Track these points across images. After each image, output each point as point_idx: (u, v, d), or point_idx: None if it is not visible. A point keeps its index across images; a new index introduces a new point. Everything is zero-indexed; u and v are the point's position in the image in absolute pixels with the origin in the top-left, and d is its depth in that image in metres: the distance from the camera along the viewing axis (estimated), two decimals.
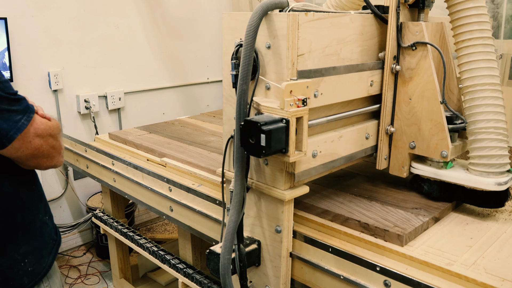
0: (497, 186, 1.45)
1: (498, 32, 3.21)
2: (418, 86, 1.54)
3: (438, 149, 1.52)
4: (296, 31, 1.28)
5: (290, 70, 1.29)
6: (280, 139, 1.21)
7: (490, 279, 1.15)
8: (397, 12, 1.52)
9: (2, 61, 2.79)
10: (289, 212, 1.40)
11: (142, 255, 2.33)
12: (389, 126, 1.63)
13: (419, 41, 1.51)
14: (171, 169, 2.04)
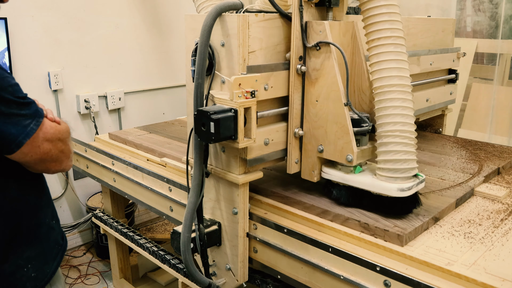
0: (399, 192, 1.40)
1: (497, 32, 3.21)
2: (323, 87, 1.50)
3: (343, 153, 1.47)
4: (246, 30, 1.40)
5: (241, 65, 1.41)
6: (229, 126, 1.33)
7: (490, 279, 1.15)
8: (300, 11, 1.48)
9: (2, 61, 2.79)
10: (244, 195, 1.52)
11: (142, 255, 2.33)
12: (298, 129, 1.57)
13: (322, 41, 1.47)
14: (171, 169, 2.04)
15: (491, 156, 2.07)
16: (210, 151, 1.56)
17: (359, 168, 1.51)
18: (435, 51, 2.33)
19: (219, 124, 1.30)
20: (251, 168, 1.51)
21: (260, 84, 1.44)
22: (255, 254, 1.61)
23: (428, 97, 2.32)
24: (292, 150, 1.59)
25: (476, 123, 3.29)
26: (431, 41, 2.35)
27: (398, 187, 1.40)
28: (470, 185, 1.72)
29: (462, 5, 3.45)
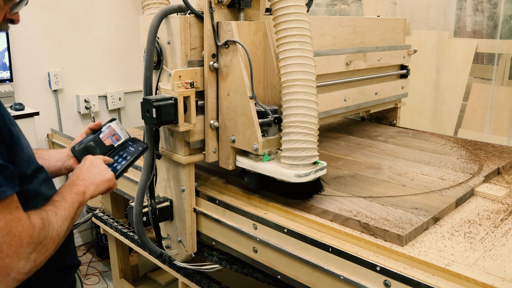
0: (297, 178, 1.49)
1: (495, 32, 3.21)
2: (232, 82, 1.62)
3: (250, 143, 1.58)
4: (188, 30, 1.60)
5: (183, 60, 1.62)
6: (170, 112, 1.52)
7: (490, 279, 1.15)
8: (211, 13, 1.61)
9: (2, 61, 2.79)
10: (189, 174, 1.72)
11: (142, 255, 2.33)
12: (213, 121, 1.69)
13: (230, 40, 1.59)
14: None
15: (491, 156, 2.07)
16: (162, 136, 1.74)
17: (267, 156, 1.61)
18: (383, 48, 2.50)
19: (160, 110, 1.49)
20: (194, 150, 1.71)
21: (199, 77, 1.63)
22: (202, 228, 1.80)
23: (377, 91, 2.50)
24: (209, 141, 1.71)
25: (476, 123, 3.29)
26: (380, 39, 2.52)
27: (295, 173, 1.49)
28: (470, 185, 1.72)
29: (461, 5, 3.45)
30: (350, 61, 2.27)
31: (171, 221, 1.83)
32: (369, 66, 2.40)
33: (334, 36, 2.22)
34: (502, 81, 3.27)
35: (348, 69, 2.28)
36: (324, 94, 2.18)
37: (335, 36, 2.22)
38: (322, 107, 2.12)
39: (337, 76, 2.26)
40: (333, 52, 2.18)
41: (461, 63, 3.38)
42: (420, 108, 3.61)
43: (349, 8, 4.12)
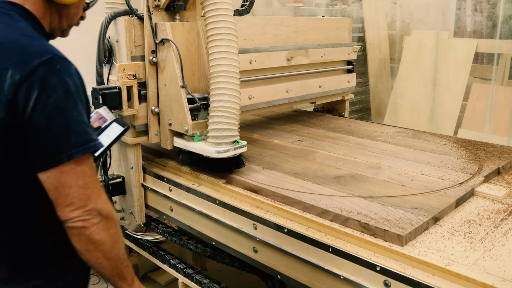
0: (217, 153, 1.78)
1: (494, 32, 3.21)
2: (168, 74, 1.90)
3: (182, 125, 1.85)
4: (132, 30, 1.91)
5: (128, 56, 1.92)
6: (115, 99, 1.81)
7: (490, 279, 1.15)
8: (149, 15, 1.89)
9: None
10: (136, 154, 2.01)
11: (142, 255, 2.33)
12: (154, 107, 1.97)
13: (164, 38, 1.87)
14: (171, 169, 2.04)
15: (491, 156, 2.07)
16: None
17: (198, 137, 1.87)
18: (326, 45, 2.75)
19: (105, 97, 1.79)
20: (140, 132, 1.99)
21: (142, 70, 1.92)
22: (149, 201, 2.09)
23: (321, 84, 2.75)
24: (151, 124, 1.99)
25: (476, 123, 3.29)
26: (324, 37, 2.77)
27: (216, 150, 1.77)
28: (470, 185, 1.72)
29: (460, 5, 3.45)
30: (291, 56, 2.54)
31: (124, 196, 2.11)
32: (311, 61, 2.66)
33: (276, 34, 2.48)
34: (502, 81, 3.27)
35: (290, 64, 2.55)
36: (267, 86, 2.45)
37: (276, 34, 2.48)
38: (265, 97, 2.44)
39: (279, 70, 2.52)
40: (273, 49, 2.44)
41: (461, 63, 3.38)
42: (420, 108, 3.61)
43: (349, 8, 4.12)
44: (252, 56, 2.32)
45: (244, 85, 2.24)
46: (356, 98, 4.35)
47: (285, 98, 2.57)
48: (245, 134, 2.51)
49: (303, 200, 1.57)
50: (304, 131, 2.57)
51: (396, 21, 4.06)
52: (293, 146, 2.26)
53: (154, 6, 1.90)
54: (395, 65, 3.93)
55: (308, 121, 2.81)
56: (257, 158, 2.06)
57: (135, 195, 2.05)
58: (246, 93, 2.31)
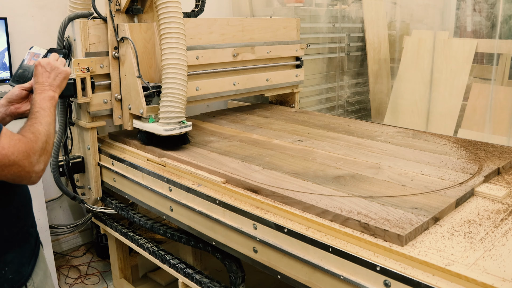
0: (165, 131, 2.11)
1: (492, 32, 3.21)
2: (127, 66, 2.27)
3: (138, 109, 2.23)
4: (87, 30, 2.24)
5: (83, 52, 2.25)
6: (70, 89, 2.10)
7: (490, 279, 1.15)
8: (112, 17, 2.26)
9: (2, 61, 2.78)
10: (93, 136, 2.36)
11: (142, 255, 2.33)
12: (117, 94, 2.35)
13: (124, 36, 2.24)
14: (171, 169, 2.04)
15: (491, 156, 2.07)
16: (73, 108, 2.38)
17: (152, 119, 2.23)
18: (273, 43, 3.10)
19: None
20: (95, 118, 2.34)
21: (96, 64, 2.25)
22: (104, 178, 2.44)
23: (268, 78, 3.11)
24: (115, 109, 2.39)
25: (476, 123, 3.29)
26: (271, 36, 3.11)
27: (164, 129, 2.12)
28: (470, 185, 1.72)
29: (459, 5, 3.45)
30: (238, 53, 2.87)
31: (84, 174, 2.47)
32: (258, 57, 3.00)
33: (222, 33, 2.82)
34: (502, 81, 3.27)
35: (236, 59, 2.89)
36: (215, 79, 2.82)
37: (223, 33, 2.82)
38: (213, 89, 2.81)
39: (226, 65, 2.87)
40: (219, 46, 2.79)
41: (461, 63, 3.38)
42: (420, 108, 3.61)
43: (349, 8, 4.12)
44: (199, 53, 2.68)
45: (192, 78, 2.65)
46: (356, 98, 4.35)
47: (232, 90, 2.92)
48: (245, 134, 2.51)
49: (303, 200, 1.57)
50: (304, 131, 2.57)
51: (396, 21, 4.06)
52: (293, 146, 2.26)
53: (116, 9, 2.26)
54: (395, 65, 3.93)
55: (308, 121, 2.81)
56: (257, 158, 2.06)
57: (92, 173, 2.40)
58: (194, 85, 2.67)
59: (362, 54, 4.18)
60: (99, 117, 2.36)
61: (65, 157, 2.39)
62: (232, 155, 2.12)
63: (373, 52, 4.07)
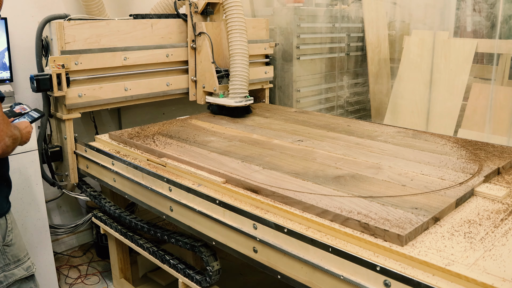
0: (235, 103, 2.86)
1: (492, 32, 3.21)
2: (203, 55, 2.98)
3: (212, 87, 2.97)
4: (62, 30, 2.49)
5: (59, 50, 2.50)
6: (46, 84, 2.42)
7: (490, 279, 1.15)
8: (191, 17, 2.98)
9: (2, 61, 2.78)
10: (69, 126, 2.60)
11: (142, 255, 2.33)
12: (193, 77, 3.07)
13: (201, 32, 2.96)
14: (171, 169, 2.04)
15: (491, 156, 2.07)
16: (52, 102, 2.68)
17: (222, 95, 2.96)
18: None
19: (39, 82, 2.40)
20: (71, 110, 2.60)
21: (70, 61, 2.50)
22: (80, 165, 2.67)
23: None
24: (191, 88, 3.11)
25: (476, 123, 3.29)
26: None
27: (234, 101, 2.87)
28: (470, 185, 1.72)
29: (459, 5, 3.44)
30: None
31: (62, 162, 2.72)
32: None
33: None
34: (502, 81, 3.26)
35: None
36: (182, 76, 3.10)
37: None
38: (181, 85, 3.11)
39: None
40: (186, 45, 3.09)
41: (461, 63, 3.38)
42: (419, 108, 3.61)
43: (349, 8, 4.12)
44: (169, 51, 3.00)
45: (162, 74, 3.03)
46: (355, 98, 4.35)
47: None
48: (245, 134, 2.51)
49: (303, 200, 1.57)
50: (304, 131, 2.57)
51: (396, 21, 4.06)
52: (293, 146, 2.26)
53: (194, 11, 2.97)
54: (395, 65, 3.93)
55: (308, 121, 2.81)
56: (257, 158, 2.06)
57: (69, 160, 2.63)
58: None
59: (362, 54, 4.18)
60: (75, 109, 2.59)
61: (44, 147, 2.66)
62: (232, 155, 2.12)
63: (373, 52, 4.07)
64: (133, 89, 2.83)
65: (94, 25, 2.61)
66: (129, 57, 2.77)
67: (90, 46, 2.60)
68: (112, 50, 2.68)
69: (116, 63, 2.71)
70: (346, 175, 1.84)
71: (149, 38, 2.88)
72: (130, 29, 2.78)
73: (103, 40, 2.66)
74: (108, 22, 2.67)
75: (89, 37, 2.59)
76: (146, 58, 2.86)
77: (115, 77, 2.74)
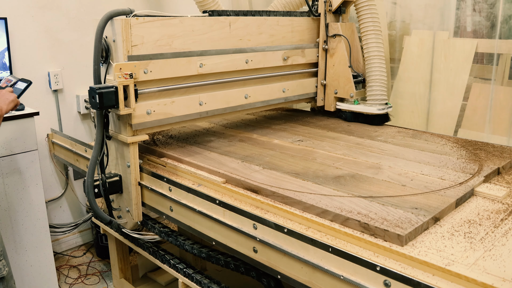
0: (378, 110, 2.68)
1: (492, 32, 3.21)
2: (337, 58, 2.76)
3: (348, 93, 2.75)
4: (129, 30, 1.93)
5: (125, 55, 1.94)
6: (111, 98, 1.84)
7: (490, 279, 1.15)
8: (325, 17, 2.75)
9: (2, 61, 2.78)
10: (134, 152, 2.03)
11: (142, 255, 2.33)
12: (323, 80, 2.84)
13: (336, 33, 2.74)
14: (171, 169, 2.04)
15: (491, 156, 2.07)
16: (110, 120, 2.05)
17: (356, 101, 2.76)
18: None
19: (102, 96, 1.81)
20: (137, 131, 2.02)
21: (138, 69, 1.95)
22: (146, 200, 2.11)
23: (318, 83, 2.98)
24: (319, 92, 2.88)
25: (476, 123, 3.29)
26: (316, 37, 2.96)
27: (377, 108, 2.68)
28: (470, 185, 1.72)
29: (459, 5, 3.44)
30: (288, 56, 2.69)
31: (121, 194, 2.14)
32: (308, 61, 2.83)
33: (272, 34, 2.57)
34: (502, 81, 3.26)
35: (286, 63, 2.69)
36: (262, 85, 2.56)
37: (272, 34, 2.58)
38: (260, 97, 2.55)
39: (275, 69, 2.65)
40: (269, 49, 2.56)
41: (461, 63, 3.37)
42: (419, 108, 3.61)
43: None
44: (249, 56, 2.43)
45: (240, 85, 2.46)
46: None
47: (281, 98, 2.69)
48: (245, 134, 2.51)
49: (303, 200, 1.58)
50: (304, 131, 2.57)
51: (396, 21, 4.05)
52: (293, 146, 2.26)
53: (328, 10, 2.73)
54: (395, 65, 3.92)
55: (308, 121, 2.81)
56: (257, 158, 2.06)
57: (132, 193, 2.07)
58: (243, 92, 2.45)
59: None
60: (142, 130, 2.04)
61: (101, 176, 2.04)
62: (232, 155, 2.12)
63: None
64: (209, 103, 2.27)
65: (166, 23, 2.06)
66: (205, 63, 2.22)
67: (161, 49, 2.06)
68: (187, 54, 2.15)
69: (191, 71, 2.17)
70: (346, 175, 1.84)
71: (226, 40, 2.31)
72: (206, 29, 2.21)
73: (176, 42, 2.10)
74: (181, 20, 2.12)
75: (159, 38, 2.04)
76: (224, 65, 2.31)
77: (188, 88, 2.20)
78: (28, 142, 2.48)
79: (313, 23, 2.79)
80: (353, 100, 2.73)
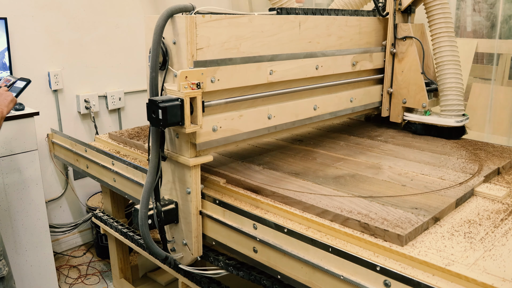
0: (456, 123, 2.34)
1: (492, 32, 3.21)
2: (407, 63, 2.43)
3: (420, 102, 2.41)
4: (194, 30, 1.57)
5: (189, 60, 1.58)
6: (176, 114, 1.49)
7: (490, 279, 1.15)
8: (394, 16, 2.42)
9: (2, 61, 2.78)
10: (196, 176, 1.68)
11: (142, 255, 2.33)
12: (389, 88, 2.50)
13: (407, 36, 2.42)
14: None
15: (491, 156, 2.07)
16: (167, 137, 1.71)
17: (428, 112, 2.43)
18: None
19: (166, 111, 1.46)
20: (201, 151, 1.69)
21: (205, 77, 1.58)
22: (208, 231, 1.77)
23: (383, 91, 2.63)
24: (384, 101, 2.52)
25: (476, 123, 3.29)
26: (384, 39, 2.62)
27: (455, 120, 2.34)
28: (470, 185, 1.72)
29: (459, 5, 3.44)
30: (356, 61, 2.32)
31: (176, 224, 1.79)
32: (375, 66, 2.46)
33: (340, 36, 2.20)
34: (502, 81, 3.26)
35: (354, 69, 2.32)
36: (331, 95, 2.21)
37: (340, 36, 2.21)
38: (329, 108, 2.21)
39: (343, 76, 2.28)
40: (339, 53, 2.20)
41: (461, 63, 3.37)
42: None
43: None
44: (319, 61, 2.08)
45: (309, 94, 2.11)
46: None
47: (349, 108, 2.34)
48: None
49: (303, 200, 1.58)
50: (304, 131, 2.57)
51: None
52: (293, 146, 2.26)
53: (398, 9, 2.42)
54: None
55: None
56: (257, 158, 2.06)
57: (192, 224, 1.73)
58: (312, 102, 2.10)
59: None
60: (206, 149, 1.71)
61: (156, 205, 1.71)
62: (232, 155, 2.12)
63: None
64: (277, 116, 1.93)
65: (234, 23, 1.71)
66: (276, 70, 1.87)
67: (229, 54, 1.71)
68: (256, 60, 1.80)
69: (260, 79, 1.83)
70: (346, 175, 1.84)
71: (295, 42, 1.96)
72: (275, 30, 1.87)
73: (243, 45, 1.75)
74: (250, 19, 1.78)
75: (227, 40, 1.69)
76: (294, 72, 1.96)
77: (255, 100, 1.85)
78: (28, 142, 2.48)
79: (379, 23, 2.43)
80: (425, 111, 2.43)
